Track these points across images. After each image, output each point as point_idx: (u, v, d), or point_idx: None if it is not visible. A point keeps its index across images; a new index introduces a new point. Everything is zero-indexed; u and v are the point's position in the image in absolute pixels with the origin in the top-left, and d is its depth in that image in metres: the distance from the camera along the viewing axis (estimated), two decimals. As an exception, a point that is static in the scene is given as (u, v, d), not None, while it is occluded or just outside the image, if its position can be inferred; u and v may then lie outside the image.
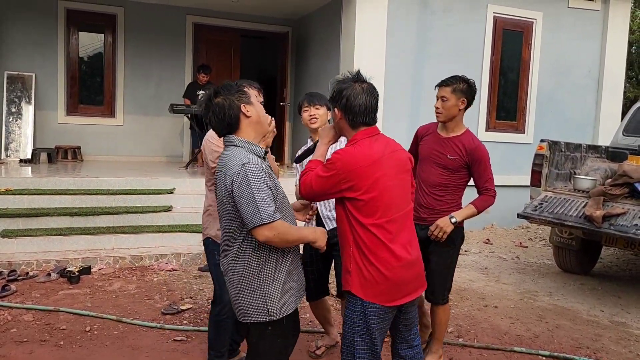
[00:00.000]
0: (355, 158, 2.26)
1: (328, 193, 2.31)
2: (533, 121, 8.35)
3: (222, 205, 2.20)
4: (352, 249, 2.30)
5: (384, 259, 2.26)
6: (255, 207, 2.07)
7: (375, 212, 2.26)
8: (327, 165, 2.29)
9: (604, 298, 5.16)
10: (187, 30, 9.57)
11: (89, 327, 3.88)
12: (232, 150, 2.20)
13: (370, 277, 2.27)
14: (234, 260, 2.21)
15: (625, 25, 8.87)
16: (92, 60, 9.39)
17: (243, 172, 2.09)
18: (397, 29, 7.45)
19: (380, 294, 2.27)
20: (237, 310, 2.27)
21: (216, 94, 2.24)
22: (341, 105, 2.34)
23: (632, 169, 4.77)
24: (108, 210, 6.01)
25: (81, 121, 9.12)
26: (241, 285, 2.21)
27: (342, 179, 2.24)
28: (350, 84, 2.35)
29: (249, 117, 2.24)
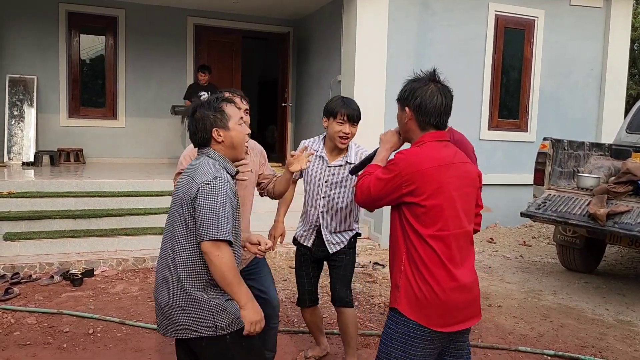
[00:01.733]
0: (421, 158, 2.06)
1: (387, 198, 2.09)
2: (536, 119, 8.33)
3: (177, 211, 2.12)
4: (404, 262, 2.07)
5: (439, 277, 2.03)
6: (215, 221, 2.01)
7: (436, 223, 2.04)
8: (389, 166, 2.09)
9: (608, 296, 5.13)
10: (188, 32, 9.57)
11: (92, 330, 3.87)
12: (204, 160, 2.17)
13: (422, 296, 2.02)
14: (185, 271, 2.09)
15: (628, 23, 8.83)
16: (94, 63, 9.40)
17: (213, 184, 2.05)
18: (398, 30, 7.44)
19: (430, 316, 2.02)
20: (178, 328, 2.11)
21: (195, 110, 2.21)
22: (414, 105, 2.15)
23: (636, 167, 4.75)
24: (110, 212, 6.01)
25: (83, 123, 9.13)
26: (185, 301, 2.08)
27: (405, 181, 2.03)
28: (425, 82, 2.21)
29: (220, 143, 2.20)
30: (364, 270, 5.66)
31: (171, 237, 2.14)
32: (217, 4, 9.00)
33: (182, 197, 2.10)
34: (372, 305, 4.61)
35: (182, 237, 2.10)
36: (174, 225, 2.13)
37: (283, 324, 4.12)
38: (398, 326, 2.06)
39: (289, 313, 4.29)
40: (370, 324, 4.18)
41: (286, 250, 5.97)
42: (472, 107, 7.80)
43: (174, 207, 2.16)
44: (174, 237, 2.12)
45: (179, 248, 2.10)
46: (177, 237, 2.11)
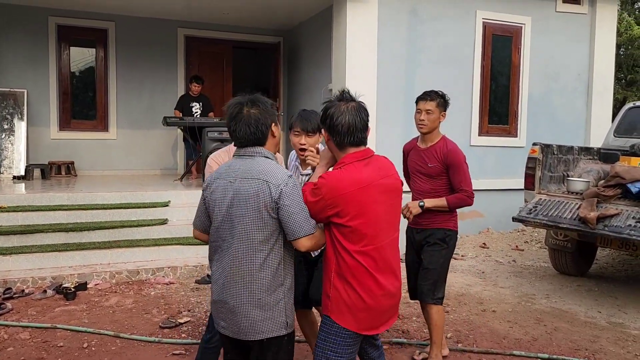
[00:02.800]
0: (342, 183, 2.16)
1: (317, 217, 2.21)
2: (525, 125, 8.41)
3: (254, 213, 2.12)
4: (334, 274, 2.24)
5: (367, 287, 2.20)
6: (306, 217, 2.15)
7: (362, 240, 2.18)
8: (314, 190, 2.19)
9: (600, 299, 5.17)
10: (178, 43, 9.60)
11: (87, 344, 3.85)
12: (265, 161, 2.20)
13: (352, 304, 2.21)
14: (259, 270, 2.14)
15: (613, 28, 8.97)
16: (84, 75, 9.39)
17: (291, 183, 2.15)
18: (388, 38, 7.50)
19: (359, 321, 2.23)
20: (249, 329, 2.16)
21: (252, 105, 2.21)
22: (326, 125, 2.27)
23: (624, 170, 4.81)
24: (103, 225, 5.99)
25: (74, 136, 9.11)
26: (264, 298, 2.15)
27: (328, 205, 2.15)
28: (334, 103, 2.30)
29: (274, 137, 2.28)
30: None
31: (246, 239, 2.14)
32: (207, 15, 9.04)
33: (257, 200, 2.11)
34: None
35: (261, 238, 2.14)
36: (248, 228, 2.13)
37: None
38: (331, 329, 2.26)
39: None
40: (365, 332, 4.19)
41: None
42: (462, 113, 7.87)
43: (240, 210, 2.13)
44: (249, 239, 2.13)
45: (259, 248, 2.14)
46: (254, 238, 2.13)
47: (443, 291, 3.51)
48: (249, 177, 2.15)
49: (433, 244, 3.45)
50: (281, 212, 2.11)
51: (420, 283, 3.49)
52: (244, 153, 2.23)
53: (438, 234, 3.47)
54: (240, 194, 2.14)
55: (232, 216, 2.16)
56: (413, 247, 3.61)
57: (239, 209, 2.14)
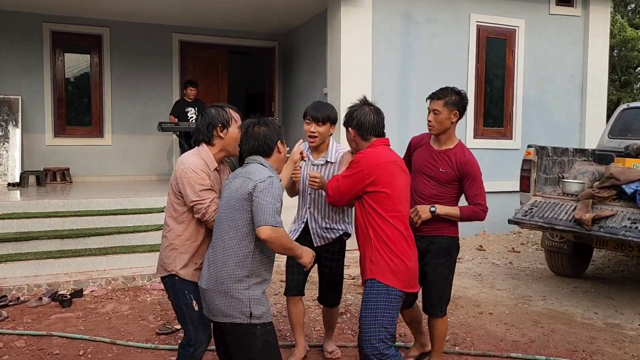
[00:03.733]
0: (376, 156, 2.68)
1: (353, 190, 2.66)
2: (520, 127, 8.44)
3: (234, 210, 2.42)
4: (374, 242, 2.62)
5: (403, 250, 2.61)
6: (271, 210, 2.34)
7: (395, 205, 2.63)
8: (351, 165, 2.68)
9: (597, 300, 5.18)
10: (173, 48, 9.60)
11: (83, 351, 3.83)
12: (257, 167, 2.49)
13: (395, 266, 2.59)
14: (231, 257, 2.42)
15: (606, 30, 9.02)
16: (79, 81, 9.37)
17: (269, 181, 2.39)
18: (382, 41, 7.53)
19: (402, 280, 2.60)
20: (214, 309, 2.46)
21: (261, 124, 2.55)
22: (353, 124, 2.82)
23: (619, 171, 4.82)
24: (99, 231, 5.97)
25: (69, 142, 9.08)
26: (228, 284, 2.41)
27: (366, 174, 2.62)
28: (358, 106, 2.90)
29: (279, 154, 2.58)
30: (355, 281, 5.66)
31: (223, 227, 2.46)
32: (202, 20, 9.05)
33: (236, 193, 2.42)
34: (364, 317, 4.60)
35: (233, 226, 2.42)
36: (226, 217, 2.45)
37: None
38: (380, 291, 2.60)
39: (281, 327, 4.29)
40: (362, 336, 4.18)
41: (277, 264, 5.94)
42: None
43: (225, 202, 2.49)
44: (224, 227, 2.45)
45: (229, 238, 2.43)
46: (227, 226, 2.43)
47: (448, 301, 3.42)
48: (239, 175, 2.50)
49: (436, 256, 3.26)
50: (252, 203, 2.36)
51: (426, 296, 3.35)
52: (246, 161, 2.57)
53: (442, 242, 3.27)
54: (229, 190, 2.50)
55: (221, 208, 2.53)
56: None
57: (225, 201, 2.50)
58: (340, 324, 4.39)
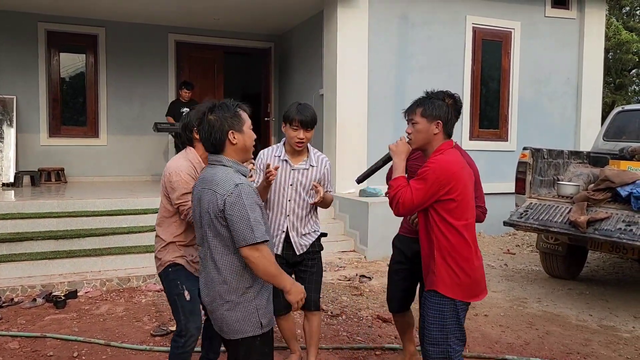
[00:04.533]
0: (450, 164, 2.51)
1: (427, 202, 2.50)
2: (515, 129, 8.46)
3: (214, 226, 2.21)
4: (436, 253, 2.52)
5: (469, 259, 2.52)
6: (249, 226, 2.13)
7: (465, 213, 2.52)
8: (426, 176, 2.49)
9: (592, 302, 5.20)
10: (169, 49, 9.58)
11: (77, 353, 3.81)
12: (220, 170, 2.24)
13: (456, 276, 2.50)
14: (223, 274, 2.23)
15: (601, 33, 9.06)
16: (74, 81, 9.34)
17: (237, 192, 2.15)
18: (378, 43, 7.53)
19: (466, 291, 2.53)
20: (226, 328, 2.27)
21: (211, 111, 2.26)
22: (445, 118, 2.59)
23: (614, 174, 4.84)
24: (94, 232, 5.95)
25: (64, 142, 9.05)
26: (233, 300, 2.23)
27: (442, 183, 2.46)
28: (442, 101, 2.66)
29: (234, 145, 2.27)
30: (351, 283, 5.66)
31: (208, 247, 2.26)
32: (198, 20, 9.04)
33: (209, 210, 2.20)
34: (359, 319, 4.61)
35: (219, 246, 2.22)
36: (208, 237, 2.24)
37: (271, 340, 4.10)
38: (445, 307, 2.53)
39: (274, 330, 4.27)
40: (358, 338, 4.18)
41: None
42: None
43: (203, 220, 2.26)
44: (210, 247, 2.25)
45: (219, 255, 2.23)
46: (213, 246, 2.23)
47: None
48: (206, 186, 2.24)
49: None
50: (227, 221, 2.16)
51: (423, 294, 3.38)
52: (209, 161, 2.32)
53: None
54: (201, 203, 2.26)
55: (201, 222, 2.29)
56: (403, 255, 3.39)
57: (201, 217, 2.27)
58: (335, 326, 4.39)
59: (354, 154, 7.34)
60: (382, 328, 4.39)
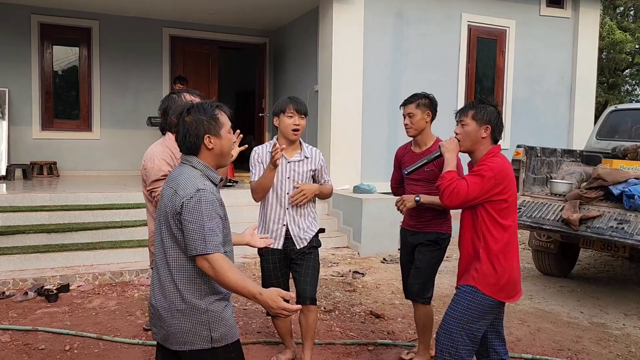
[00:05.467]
0: (505, 165, 2.66)
1: (480, 198, 2.61)
2: (509, 127, 8.49)
3: (169, 227, 2.08)
4: (484, 252, 2.60)
5: (510, 259, 2.61)
6: (202, 235, 2.00)
7: (512, 214, 2.65)
8: (483, 173, 2.61)
9: (583, 300, 5.24)
10: (163, 43, 9.53)
11: (69, 346, 3.80)
12: (187, 170, 2.13)
13: (498, 276, 2.57)
14: (175, 279, 2.08)
15: (595, 32, 9.10)
16: (67, 74, 9.28)
17: (197, 198, 2.02)
18: (374, 39, 7.53)
19: (501, 290, 2.59)
20: (172, 338, 2.10)
21: (188, 112, 2.15)
22: (494, 124, 2.70)
23: (606, 172, 4.87)
24: (86, 226, 5.92)
25: (57, 136, 8.99)
26: (183, 309, 2.08)
27: (497, 183, 2.58)
28: (494, 107, 2.76)
29: (210, 150, 2.16)
30: (344, 279, 5.67)
31: (162, 246, 2.12)
32: (193, 15, 8.99)
33: (167, 209, 2.08)
34: (352, 314, 4.62)
35: (173, 248, 2.09)
36: (163, 236, 2.11)
37: (264, 335, 4.10)
38: (474, 299, 2.59)
39: (269, 324, 4.28)
40: (351, 333, 4.19)
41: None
42: (448, 116, 7.85)
43: (160, 217, 2.14)
44: (164, 247, 2.11)
45: (172, 257, 2.09)
46: (167, 247, 2.10)
47: (432, 291, 3.52)
48: (170, 185, 2.13)
49: (426, 245, 3.46)
50: (183, 226, 2.03)
51: (411, 282, 3.51)
52: (181, 159, 2.21)
53: (431, 236, 3.47)
54: (161, 202, 2.15)
55: (157, 222, 2.17)
56: (407, 248, 3.62)
57: (159, 216, 2.15)
58: (328, 321, 4.40)
59: (348, 150, 7.34)
60: (375, 324, 4.41)
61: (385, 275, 5.87)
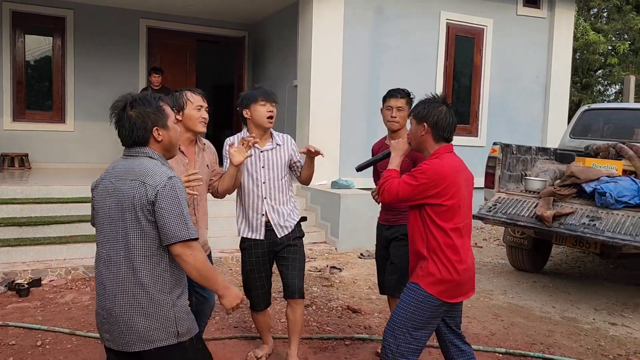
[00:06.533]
0: (444, 167, 2.57)
1: (413, 199, 2.59)
2: (485, 125, 8.60)
3: (131, 216, 2.01)
4: (426, 251, 2.60)
5: (454, 261, 2.56)
6: (182, 221, 1.99)
7: (454, 217, 2.57)
8: (417, 175, 2.57)
9: (555, 295, 5.34)
10: (140, 34, 9.37)
11: (40, 342, 3.72)
12: (146, 161, 2.08)
13: (440, 275, 2.55)
14: (139, 277, 2.03)
15: (570, 33, 9.27)
16: (40, 64, 9.06)
17: (170, 184, 2.01)
18: (354, 35, 7.53)
19: (445, 290, 2.57)
20: (131, 337, 2.03)
21: (131, 106, 2.08)
22: (430, 121, 2.63)
23: (579, 170, 4.97)
24: (59, 219, 5.80)
25: (29, 127, 8.77)
26: (147, 306, 2.03)
27: (431, 185, 2.53)
28: (439, 104, 2.69)
29: (159, 142, 2.13)
30: (321, 274, 5.68)
31: (124, 243, 2.04)
32: (171, 6, 8.86)
33: (132, 202, 2.01)
34: (329, 309, 4.63)
35: (139, 243, 2.02)
36: (126, 232, 2.03)
37: (241, 330, 4.09)
38: (418, 297, 2.58)
39: (246, 319, 4.26)
40: (328, 328, 4.20)
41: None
42: (425, 112, 7.97)
43: (118, 212, 2.04)
44: (127, 243, 2.03)
45: (137, 254, 2.02)
46: (132, 243, 2.03)
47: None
48: (128, 177, 2.04)
49: (400, 240, 3.45)
50: (156, 215, 1.99)
51: (387, 277, 3.53)
52: (128, 153, 2.14)
53: (405, 229, 3.39)
54: (118, 196, 2.05)
55: (112, 218, 2.07)
56: (382, 242, 3.64)
57: (117, 211, 2.05)
58: (305, 316, 4.39)
59: (326, 145, 7.31)
60: (352, 318, 4.43)
61: (362, 270, 5.90)
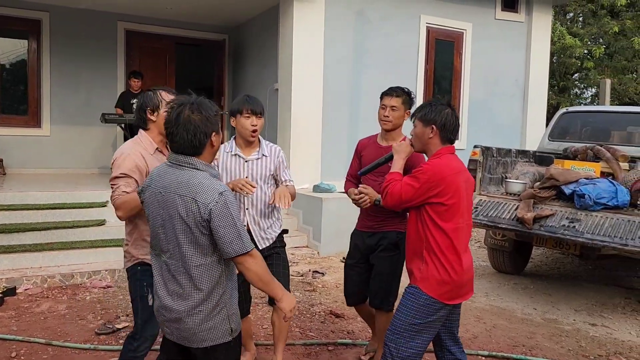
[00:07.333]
0: (444, 168, 2.60)
1: (415, 200, 2.61)
2: (466, 128, 8.66)
3: (185, 230, 2.06)
4: (424, 251, 2.61)
5: (453, 262, 2.58)
6: (238, 236, 2.05)
7: (454, 217, 2.59)
8: (418, 175, 2.60)
9: (536, 296, 5.38)
10: (118, 37, 9.23)
11: (15, 353, 3.62)
12: (194, 174, 2.08)
13: (440, 277, 2.57)
14: (205, 281, 2.11)
15: (547, 36, 9.40)
16: (15, 68, 8.87)
17: (222, 201, 2.03)
18: (335, 38, 7.53)
19: (445, 292, 2.58)
20: (193, 337, 2.13)
21: (193, 109, 2.07)
22: (439, 124, 2.66)
23: (558, 173, 5.02)
24: (34, 226, 5.67)
25: (3, 132, 8.56)
26: (206, 309, 2.12)
27: (432, 186, 2.56)
28: (444, 106, 2.71)
29: (213, 147, 2.14)
30: (304, 279, 5.64)
31: (178, 256, 2.10)
32: (149, 9, 8.75)
33: (187, 219, 2.04)
34: (312, 314, 4.59)
35: (196, 254, 2.08)
36: (181, 245, 2.08)
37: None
38: (419, 300, 2.59)
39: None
40: (311, 333, 4.16)
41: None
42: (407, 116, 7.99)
43: (170, 224, 2.08)
44: (183, 256, 2.09)
45: (195, 263, 2.09)
46: (188, 255, 2.08)
47: (395, 296, 3.41)
48: (178, 192, 2.06)
49: (384, 249, 3.33)
50: (213, 232, 2.04)
51: (372, 289, 3.40)
52: (175, 161, 2.12)
53: (390, 236, 3.34)
54: (169, 209, 2.08)
55: (166, 228, 2.11)
56: (359, 251, 3.47)
57: (171, 223, 2.09)
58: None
59: (308, 149, 7.31)
60: (335, 323, 4.39)
61: (344, 274, 5.87)
